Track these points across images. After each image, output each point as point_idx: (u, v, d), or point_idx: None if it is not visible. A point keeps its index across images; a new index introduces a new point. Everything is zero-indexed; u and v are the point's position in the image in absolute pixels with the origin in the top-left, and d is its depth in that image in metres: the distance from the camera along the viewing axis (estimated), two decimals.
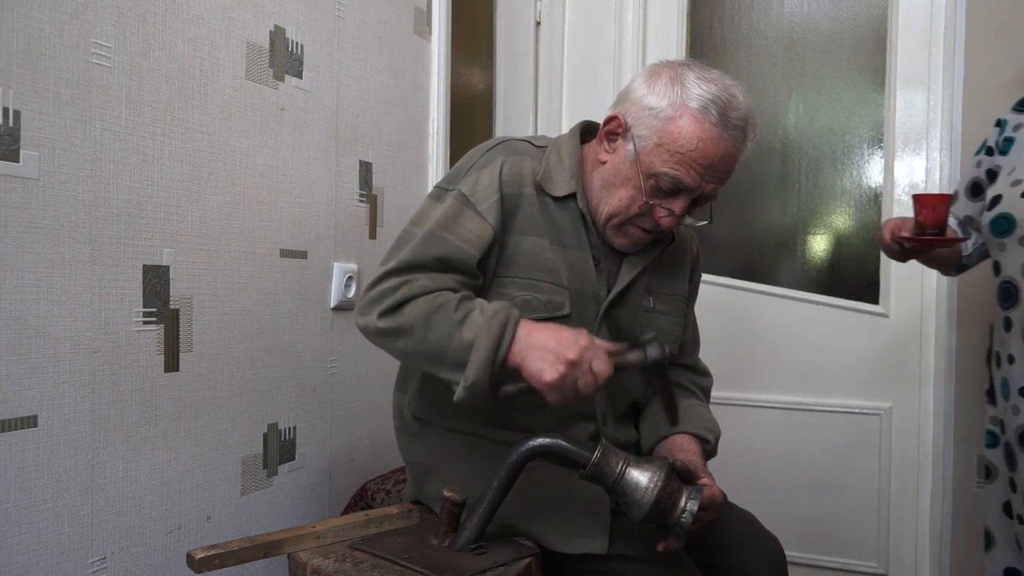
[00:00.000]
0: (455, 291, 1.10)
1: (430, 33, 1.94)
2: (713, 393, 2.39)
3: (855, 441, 2.14)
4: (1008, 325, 1.38)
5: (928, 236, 1.37)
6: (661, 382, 1.19)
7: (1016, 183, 1.39)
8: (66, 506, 1.11)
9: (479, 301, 1.09)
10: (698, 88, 1.13)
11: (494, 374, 1.03)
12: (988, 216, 1.41)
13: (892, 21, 2.15)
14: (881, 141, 2.18)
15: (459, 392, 1.03)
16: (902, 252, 1.47)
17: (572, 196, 1.21)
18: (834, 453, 2.16)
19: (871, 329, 2.14)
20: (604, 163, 1.21)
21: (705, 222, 1.23)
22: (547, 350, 1.01)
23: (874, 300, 2.16)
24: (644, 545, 1.10)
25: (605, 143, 1.21)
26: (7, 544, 1.04)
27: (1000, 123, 1.53)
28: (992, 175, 1.49)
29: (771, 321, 2.24)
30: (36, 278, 1.06)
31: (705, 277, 2.31)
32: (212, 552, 1.01)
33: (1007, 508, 1.44)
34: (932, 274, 2.08)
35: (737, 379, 2.25)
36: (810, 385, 2.20)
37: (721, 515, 1.20)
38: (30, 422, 1.06)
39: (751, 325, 2.26)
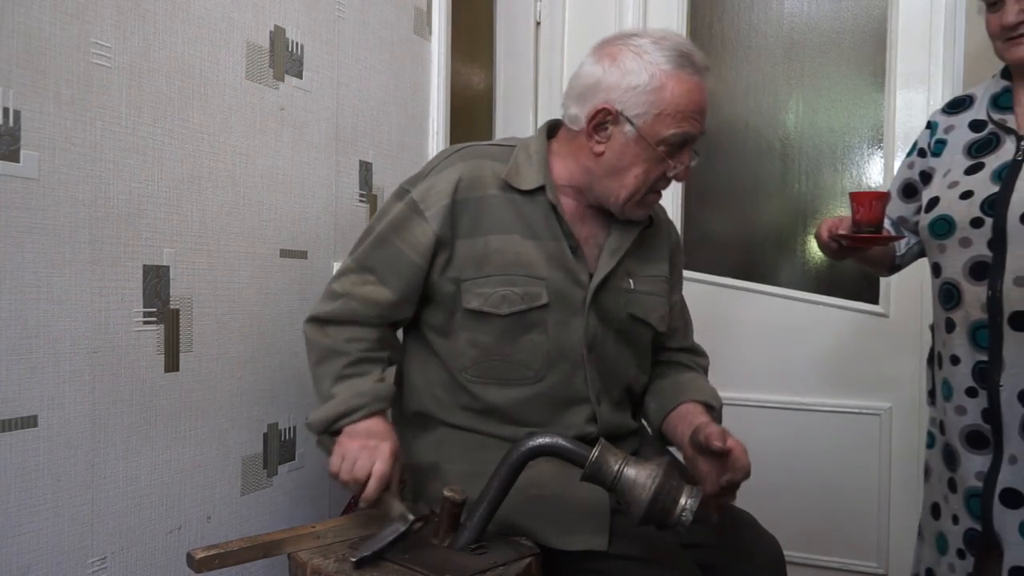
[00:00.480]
0: (371, 334, 1.25)
1: (430, 33, 1.94)
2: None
3: (855, 441, 2.14)
4: (950, 326, 1.39)
5: (864, 234, 1.38)
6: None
7: (952, 185, 1.40)
8: (66, 506, 1.11)
9: (362, 377, 1.23)
10: (662, 51, 1.20)
11: (328, 431, 1.20)
12: (927, 219, 1.42)
13: (892, 21, 2.15)
14: (881, 141, 2.18)
15: (308, 419, 1.23)
16: (839, 250, 1.49)
17: (541, 189, 1.25)
18: (834, 453, 2.16)
19: (871, 329, 2.14)
20: (601, 154, 1.23)
21: (699, 157, 1.31)
22: (347, 450, 1.16)
23: (874, 300, 2.16)
24: (643, 545, 1.10)
25: (595, 136, 1.23)
26: (7, 544, 1.04)
27: (931, 125, 1.54)
28: (926, 177, 1.50)
29: (771, 321, 2.24)
30: (36, 278, 1.06)
31: (706, 277, 2.33)
32: (212, 552, 1.01)
33: (935, 509, 1.45)
34: None
35: (737, 379, 2.25)
36: (810, 385, 2.20)
37: (719, 516, 1.21)
38: (30, 422, 1.06)
39: (751, 325, 2.26)
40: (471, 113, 2.32)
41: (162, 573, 1.25)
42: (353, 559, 1.02)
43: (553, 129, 1.32)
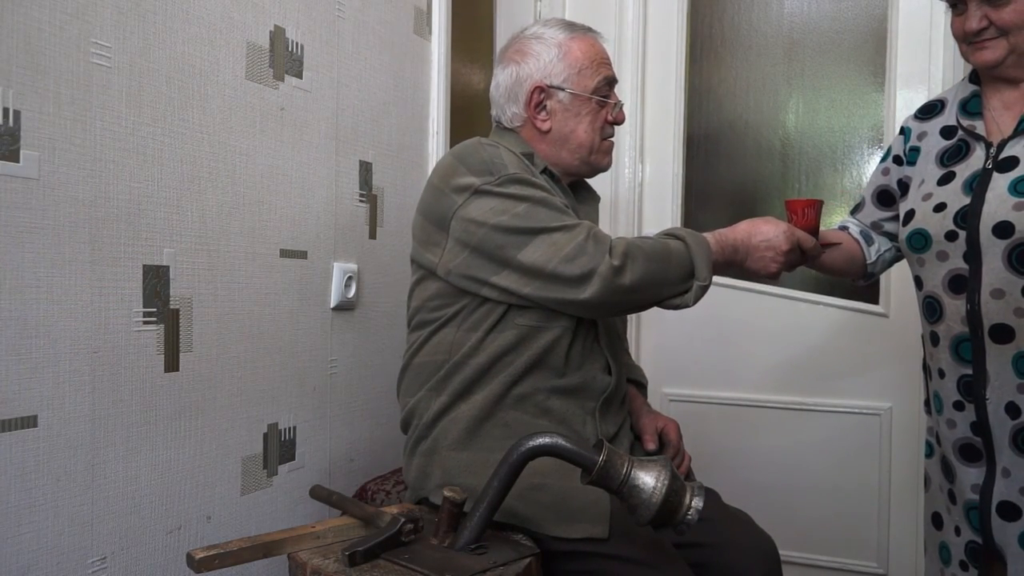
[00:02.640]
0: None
1: (430, 33, 1.94)
2: (713, 393, 2.40)
3: (855, 441, 2.14)
4: (935, 339, 1.38)
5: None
6: None
7: (927, 197, 1.38)
8: (66, 506, 1.11)
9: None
10: (552, 28, 1.41)
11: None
12: (904, 232, 1.41)
13: (892, 21, 2.15)
14: (881, 141, 2.18)
15: (694, 293, 1.23)
16: None
17: (545, 170, 1.38)
18: (834, 453, 2.16)
19: (871, 329, 2.14)
20: (549, 129, 1.39)
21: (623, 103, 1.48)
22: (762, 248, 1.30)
23: (874, 300, 2.16)
24: (639, 545, 1.11)
25: (538, 116, 1.39)
26: (7, 544, 1.04)
27: (904, 131, 1.53)
28: (904, 186, 1.49)
29: (771, 321, 2.24)
30: (36, 278, 1.06)
31: None
32: (212, 552, 1.01)
33: (936, 519, 1.44)
34: None
35: (737, 379, 2.25)
36: (810, 385, 2.20)
37: (714, 514, 1.22)
38: (30, 422, 1.06)
39: (751, 325, 2.26)
40: (471, 113, 2.32)
41: (162, 573, 1.25)
42: (346, 552, 1.02)
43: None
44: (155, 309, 1.23)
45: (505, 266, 1.22)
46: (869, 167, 2.22)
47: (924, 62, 2.10)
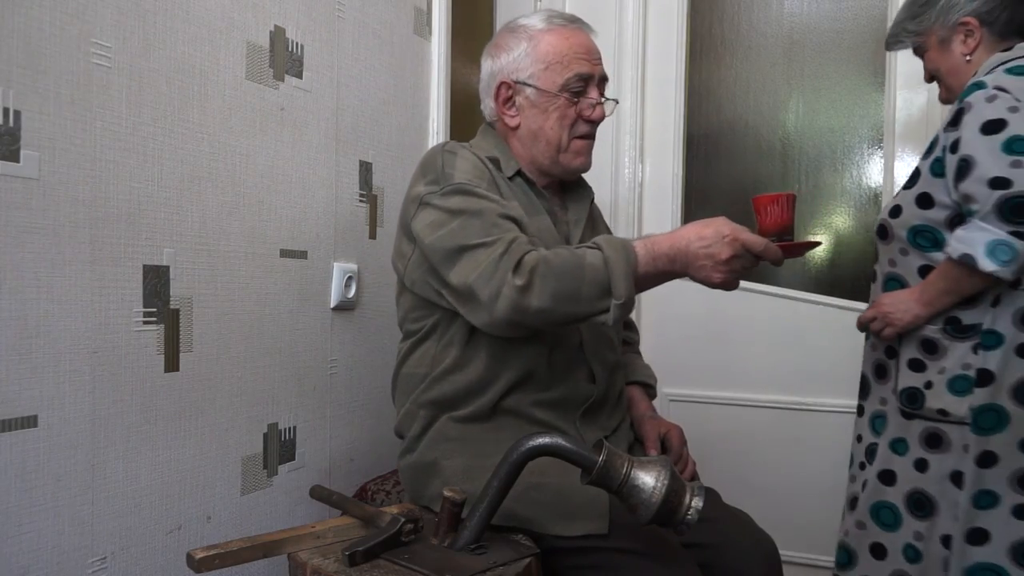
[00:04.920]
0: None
1: (430, 33, 1.94)
2: (713, 393, 2.40)
3: None
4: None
5: (776, 243, 1.18)
6: None
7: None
8: (66, 506, 1.11)
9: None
10: (532, 19, 1.36)
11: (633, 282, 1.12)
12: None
13: (892, 21, 2.14)
14: (881, 141, 2.19)
15: (613, 313, 1.11)
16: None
17: (518, 174, 1.35)
18: (834, 453, 2.16)
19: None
20: (518, 125, 1.36)
21: (616, 101, 1.42)
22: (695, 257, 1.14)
23: None
24: (642, 538, 1.10)
25: (507, 112, 1.36)
26: (7, 544, 1.04)
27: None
28: None
29: (771, 321, 2.24)
30: (36, 278, 1.06)
31: None
32: (212, 552, 1.01)
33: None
34: None
35: (736, 379, 2.25)
36: (810, 385, 2.20)
37: (715, 514, 1.22)
38: (30, 422, 1.06)
39: (751, 325, 2.26)
40: (471, 113, 2.31)
41: (162, 573, 1.25)
42: (346, 552, 1.03)
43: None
44: (155, 309, 1.23)
45: (444, 285, 1.20)
46: (869, 167, 2.22)
47: None
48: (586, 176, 1.49)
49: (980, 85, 1.38)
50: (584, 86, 1.33)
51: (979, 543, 1.36)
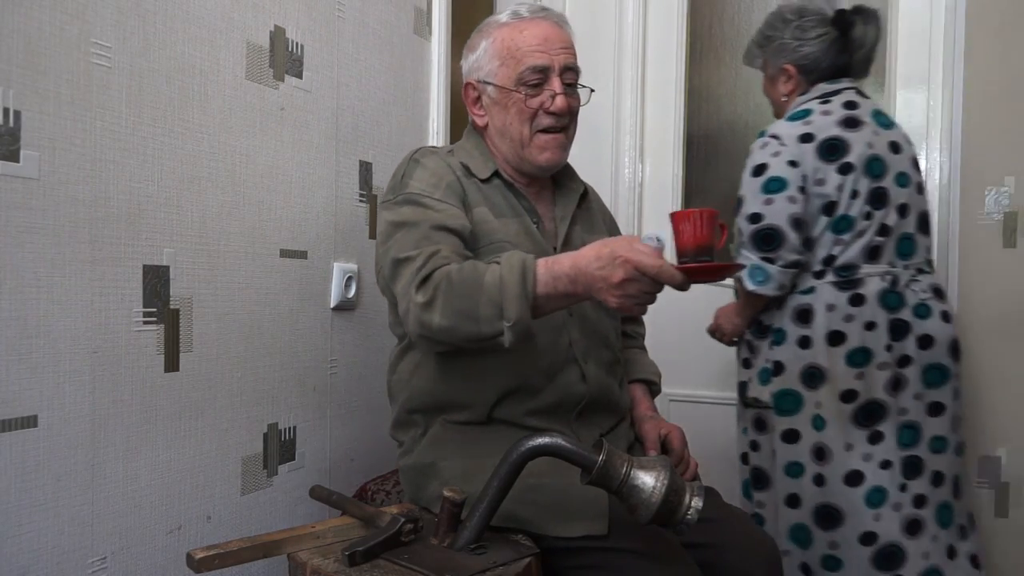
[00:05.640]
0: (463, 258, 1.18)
1: (430, 33, 1.94)
2: (714, 393, 2.40)
3: None
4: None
5: (689, 264, 1.06)
6: None
7: None
8: (66, 506, 1.11)
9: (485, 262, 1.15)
10: (501, 16, 1.34)
11: (527, 305, 1.07)
12: None
13: (892, 21, 2.15)
14: None
15: (507, 336, 1.07)
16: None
17: (495, 174, 1.33)
18: None
19: None
20: (486, 124, 1.36)
21: (592, 89, 1.37)
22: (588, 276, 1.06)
23: None
24: (641, 537, 1.10)
25: (477, 112, 1.37)
26: (7, 544, 1.04)
27: None
28: None
29: None
30: (36, 278, 1.06)
31: None
32: (212, 552, 1.01)
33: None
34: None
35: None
36: None
37: (715, 514, 1.22)
38: (30, 422, 1.06)
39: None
40: None
41: (162, 573, 1.25)
42: (346, 552, 1.03)
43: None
44: (155, 309, 1.23)
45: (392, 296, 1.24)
46: None
47: (924, 62, 2.10)
48: (586, 176, 1.49)
49: (761, 133, 1.70)
50: (542, 78, 1.29)
51: (793, 507, 1.63)
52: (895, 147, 1.67)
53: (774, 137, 1.65)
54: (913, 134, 2.13)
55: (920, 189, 1.70)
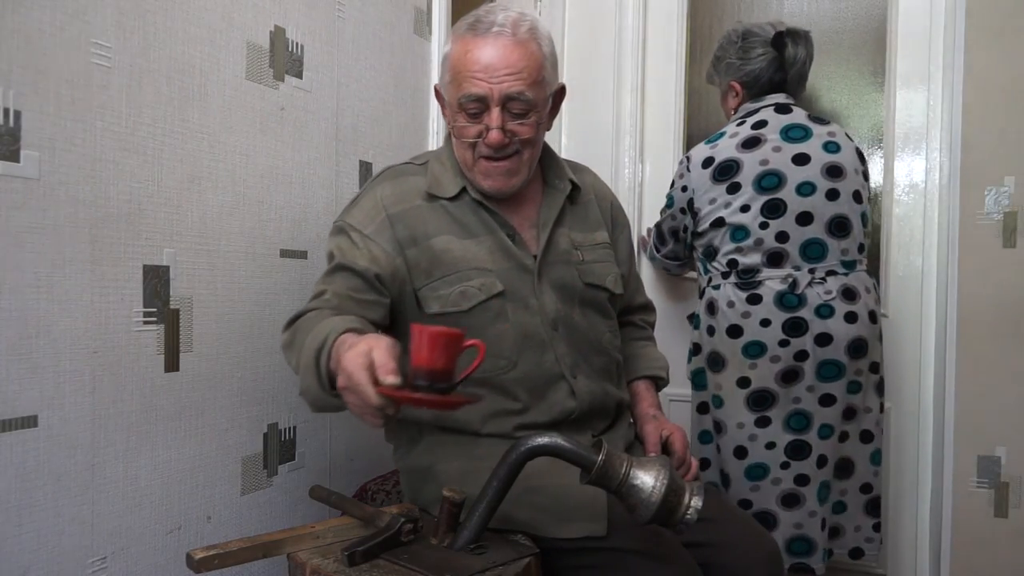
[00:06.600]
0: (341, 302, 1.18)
1: (430, 33, 1.95)
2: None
3: None
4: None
5: (402, 390, 0.90)
6: None
7: None
8: (66, 506, 1.11)
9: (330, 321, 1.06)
10: (466, 19, 1.24)
11: (322, 382, 1.01)
12: None
13: (892, 21, 2.15)
14: (881, 141, 2.19)
15: (306, 402, 1.09)
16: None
17: (463, 191, 1.29)
18: None
19: None
20: (449, 134, 1.31)
21: (551, 118, 1.30)
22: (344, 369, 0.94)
23: None
24: (641, 537, 1.10)
25: (446, 116, 1.31)
26: (7, 544, 1.04)
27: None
28: None
29: None
30: (36, 278, 1.06)
31: None
32: (212, 552, 1.01)
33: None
34: (932, 275, 2.08)
35: None
36: None
37: (715, 513, 1.22)
38: (30, 422, 1.06)
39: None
40: None
41: (162, 573, 1.25)
42: (346, 552, 1.03)
43: None
44: (155, 309, 1.23)
45: None
46: (869, 167, 2.21)
47: (924, 62, 2.10)
48: None
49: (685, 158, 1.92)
50: (480, 107, 1.20)
51: (704, 469, 1.85)
52: (802, 159, 1.77)
53: (688, 158, 1.89)
54: (913, 134, 2.13)
55: (834, 195, 1.76)
